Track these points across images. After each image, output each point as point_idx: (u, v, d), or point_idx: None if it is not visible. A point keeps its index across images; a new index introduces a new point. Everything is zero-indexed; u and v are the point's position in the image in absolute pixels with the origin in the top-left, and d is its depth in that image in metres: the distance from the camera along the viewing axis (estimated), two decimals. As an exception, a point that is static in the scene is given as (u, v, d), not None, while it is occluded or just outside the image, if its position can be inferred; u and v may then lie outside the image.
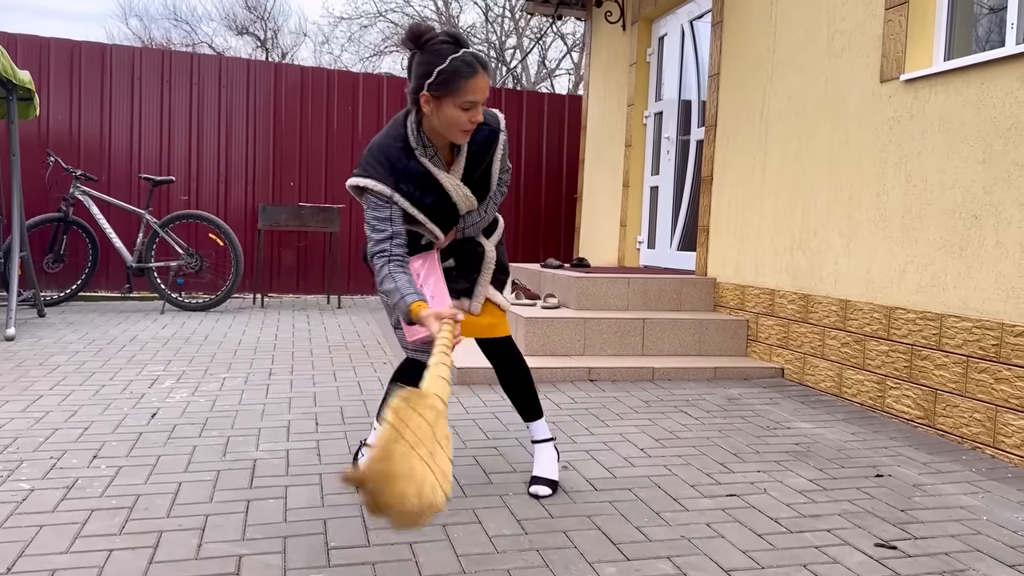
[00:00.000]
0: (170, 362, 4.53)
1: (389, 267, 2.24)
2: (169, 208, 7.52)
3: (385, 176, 2.27)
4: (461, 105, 2.20)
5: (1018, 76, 3.13)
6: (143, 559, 2.04)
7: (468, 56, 2.19)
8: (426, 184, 2.32)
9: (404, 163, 2.29)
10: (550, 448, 2.67)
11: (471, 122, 2.24)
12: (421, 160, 2.31)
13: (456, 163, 2.38)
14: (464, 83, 2.18)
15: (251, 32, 24.46)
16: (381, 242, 2.26)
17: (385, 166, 2.27)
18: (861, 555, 2.21)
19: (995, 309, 3.20)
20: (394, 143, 2.31)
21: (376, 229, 2.28)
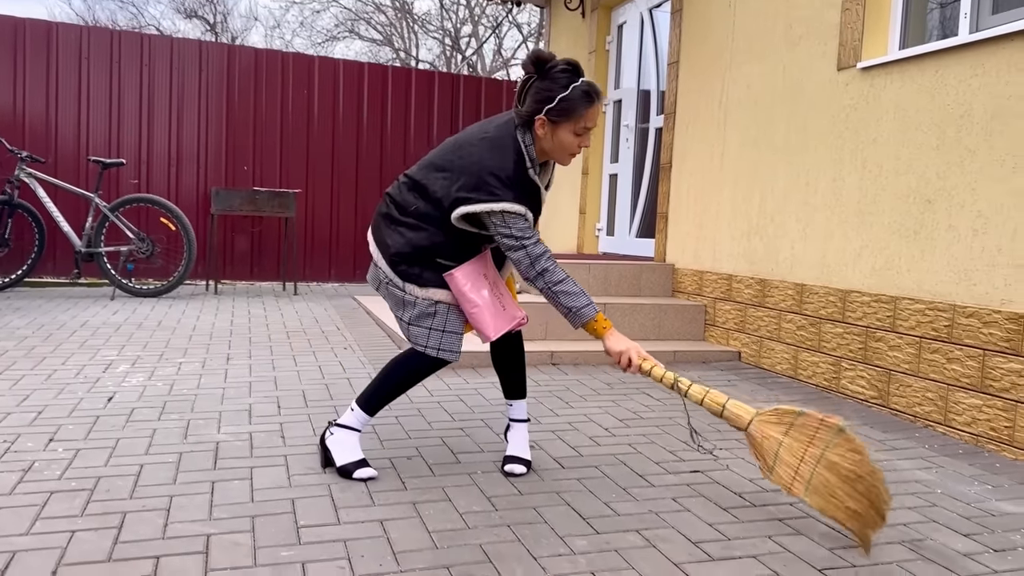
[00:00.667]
0: (124, 347, 4.43)
1: (561, 269, 2.37)
2: (119, 192, 7.34)
3: (519, 197, 2.35)
4: (576, 131, 2.34)
5: (971, 64, 3.22)
6: (107, 539, 2.00)
7: (587, 85, 2.31)
8: (533, 196, 2.44)
9: (525, 181, 2.39)
10: (525, 429, 2.71)
11: (580, 147, 2.38)
12: (532, 176, 2.42)
13: (544, 174, 2.53)
14: (584, 111, 2.31)
15: (200, 15, 23.97)
16: (537, 243, 2.36)
17: (514, 188, 2.35)
18: (823, 527, 2.26)
19: (947, 291, 3.30)
20: (515, 163, 2.37)
21: (527, 236, 2.34)
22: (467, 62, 21.71)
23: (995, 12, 3.33)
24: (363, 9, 24.24)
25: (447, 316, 2.47)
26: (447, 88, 8.54)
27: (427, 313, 2.46)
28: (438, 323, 2.46)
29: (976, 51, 3.20)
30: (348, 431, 2.53)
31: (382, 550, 2.00)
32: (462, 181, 2.34)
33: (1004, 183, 3.06)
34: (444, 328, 2.46)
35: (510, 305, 2.51)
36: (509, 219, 2.33)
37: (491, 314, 2.43)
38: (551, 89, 2.29)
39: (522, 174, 2.37)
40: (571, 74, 2.31)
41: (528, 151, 2.38)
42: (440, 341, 2.46)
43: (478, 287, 2.44)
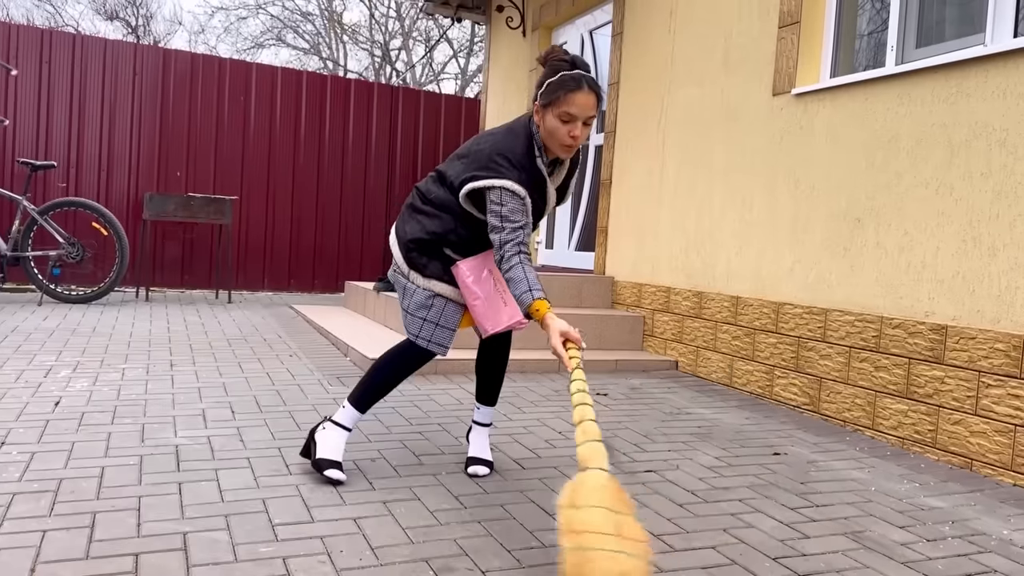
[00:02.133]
0: (61, 352, 4.33)
1: (520, 256, 2.33)
2: (47, 195, 7.12)
3: (522, 178, 2.38)
4: (560, 116, 2.34)
5: (897, 94, 3.47)
6: (82, 537, 2.00)
7: (578, 74, 2.35)
8: (539, 187, 2.47)
9: (531, 166, 2.43)
10: (487, 433, 2.79)
11: (570, 136, 2.37)
12: (539, 166, 2.45)
13: (557, 173, 2.56)
14: (565, 95, 2.33)
15: (122, 17, 23.30)
16: (517, 230, 2.34)
17: (519, 169, 2.39)
18: (773, 521, 2.42)
19: (875, 304, 3.53)
20: (523, 147, 2.42)
21: (509, 220, 2.35)
22: (400, 76, 21.70)
23: (919, 46, 3.60)
24: (290, 18, 24.00)
25: (443, 310, 2.54)
26: (386, 99, 8.58)
27: (424, 304, 2.53)
28: (433, 315, 2.53)
29: (902, 81, 3.46)
30: (338, 429, 2.56)
31: (359, 546, 2.06)
32: (475, 163, 2.43)
33: (928, 204, 3.31)
34: (438, 321, 2.54)
35: (512, 304, 2.53)
36: (505, 196, 2.37)
37: (493, 308, 2.50)
38: (545, 76, 2.39)
39: (531, 160, 2.43)
40: (567, 63, 2.38)
41: (537, 139, 2.44)
42: (432, 333, 2.53)
43: (481, 280, 2.51)
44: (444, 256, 2.53)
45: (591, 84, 2.37)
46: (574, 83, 2.34)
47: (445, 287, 2.54)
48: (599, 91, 2.40)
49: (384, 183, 8.59)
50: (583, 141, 2.44)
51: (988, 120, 3.08)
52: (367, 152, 8.48)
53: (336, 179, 8.35)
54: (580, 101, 2.34)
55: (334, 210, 8.37)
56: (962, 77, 3.19)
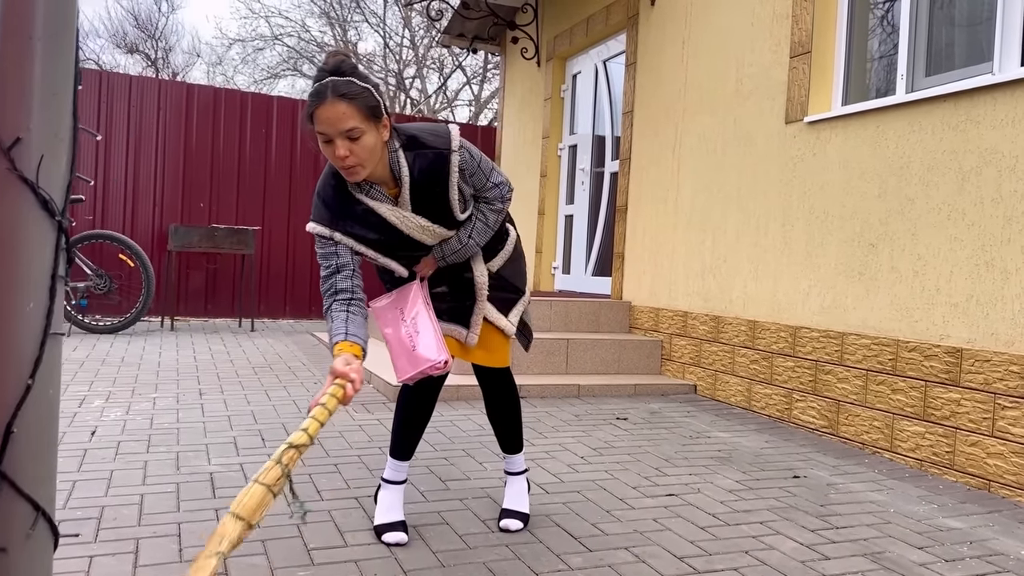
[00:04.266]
0: (92, 382, 4.44)
1: (333, 305, 2.10)
2: (73, 229, 7.29)
3: (324, 217, 2.16)
4: (318, 138, 2.02)
5: (908, 122, 3.55)
6: (127, 563, 2.08)
7: (321, 84, 1.99)
8: (368, 220, 2.17)
9: (340, 201, 2.16)
10: (522, 480, 2.57)
11: (337, 158, 2.01)
12: (359, 197, 2.15)
13: (401, 195, 2.18)
14: (311, 114, 2.00)
15: (141, 50, 23.78)
16: (326, 279, 2.15)
17: (322, 208, 2.17)
18: (793, 543, 2.47)
19: (891, 327, 3.59)
20: (328, 181, 2.19)
21: (322, 266, 2.17)
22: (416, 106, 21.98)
23: (928, 75, 3.68)
24: (306, 48, 24.40)
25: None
26: (403, 129, 8.72)
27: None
28: None
29: (912, 110, 3.53)
30: (389, 486, 2.43)
31: (393, 569, 2.13)
32: None
33: (941, 229, 3.38)
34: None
35: (425, 347, 2.16)
36: (317, 242, 2.19)
37: (397, 353, 2.24)
38: None
39: (337, 192, 2.16)
40: (320, 73, 2.02)
41: None
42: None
43: (390, 322, 2.29)
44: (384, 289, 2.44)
45: (338, 90, 1.96)
46: (316, 97, 1.98)
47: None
48: (354, 94, 1.97)
49: (402, 211, 8.72)
50: (365, 160, 2.02)
51: (997, 147, 3.15)
52: (385, 181, 8.62)
53: (355, 208, 8.48)
54: (325, 115, 1.96)
55: (353, 238, 8.49)
56: (971, 105, 3.27)
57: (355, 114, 1.97)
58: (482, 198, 2.32)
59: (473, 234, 2.32)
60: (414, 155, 2.17)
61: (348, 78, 2.00)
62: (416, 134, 2.20)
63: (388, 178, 2.17)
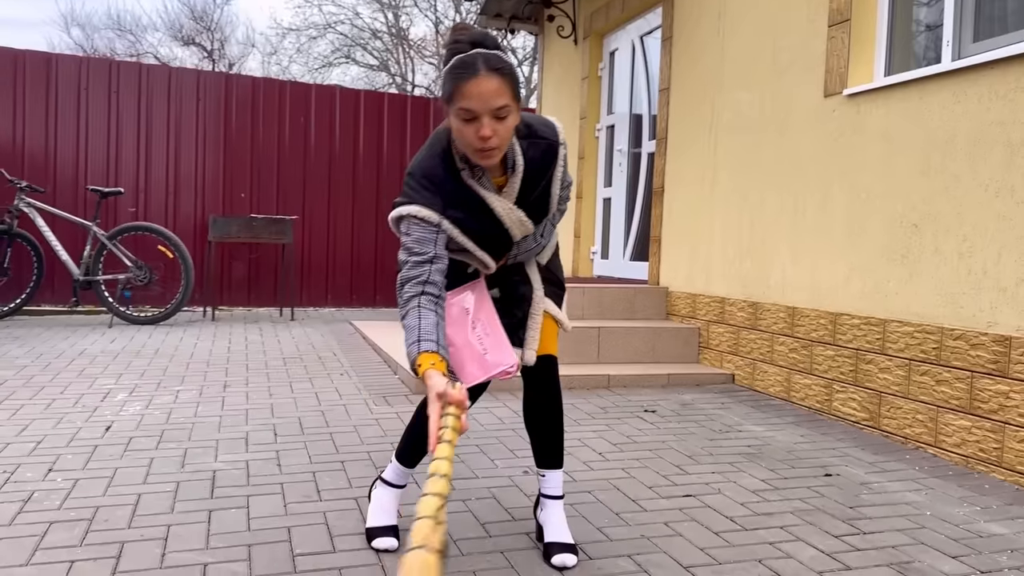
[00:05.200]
0: (121, 375, 4.46)
1: (421, 299, 1.88)
2: (117, 220, 7.39)
3: (432, 200, 1.95)
4: (459, 114, 1.84)
5: (953, 91, 3.29)
6: (106, 569, 2.03)
7: (471, 56, 1.82)
8: (475, 208, 2.00)
9: (451, 185, 1.98)
10: (561, 507, 2.26)
11: (479, 138, 1.84)
12: (468, 182, 1.99)
13: (510, 184, 2.04)
14: (456, 86, 1.83)
15: (197, 42, 24.17)
16: (419, 265, 1.91)
17: (431, 190, 1.96)
18: (813, 550, 2.29)
19: (935, 314, 3.34)
20: (436, 162, 1.99)
21: (415, 252, 1.93)
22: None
23: (976, 40, 3.40)
24: (359, 35, 24.49)
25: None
26: (442, 115, 8.62)
27: None
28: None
29: (958, 78, 3.27)
30: (388, 488, 2.34)
31: (377, 577, 2.03)
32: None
33: (988, 207, 3.12)
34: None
35: (495, 350, 2.08)
36: (413, 225, 1.94)
37: (467, 357, 2.07)
38: (442, 64, 1.89)
39: (450, 176, 1.98)
40: (464, 44, 1.86)
41: (456, 148, 1.98)
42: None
43: (454, 322, 2.09)
44: None
45: (491, 63, 1.81)
46: (466, 69, 1.81)
47: None
48: (508, 69, 1.83)
49: (443, 197, 8.64)
50: (505, 142, 1.88)
51: (1050, 116, 2.88)
52: (425, 167, 8.54)
53: (395, 195, 8.43)
54: (476, 90, 1.80)
55: (394, 225, 8.45)
56: (1022, 72, 2.99)
57: (507, 91, 1.83)
58: (560, 197, 2.18)
59: (544, 233, 2.20)
60: (528, 143, 2.04)
61: (496, 52, 1.85)
62: (530, 122, 2.08)
63: (499, 165, 2.02)
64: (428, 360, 1.76)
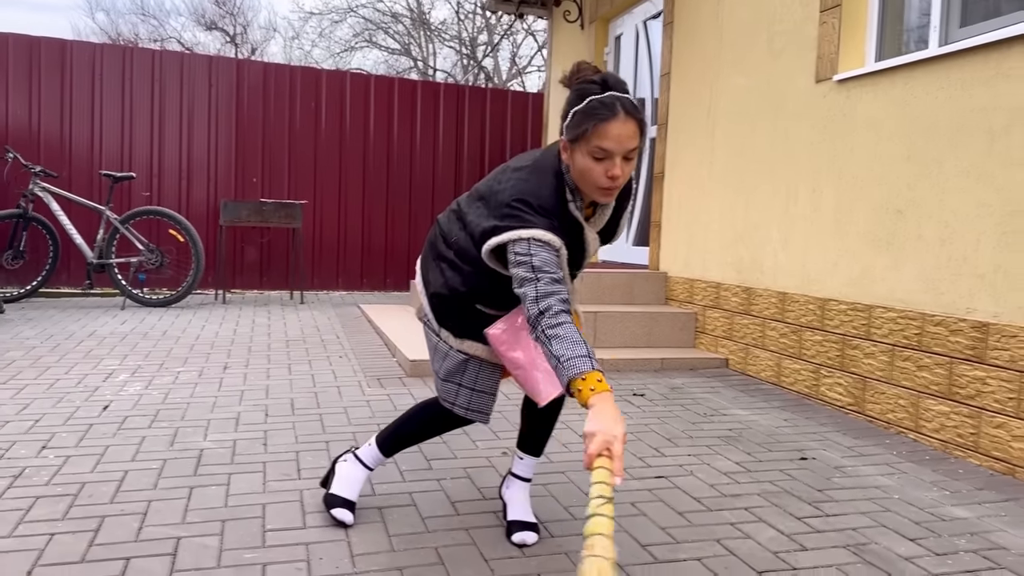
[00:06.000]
0: (126, 357, 4.58)
1: (562, 316, 1.84)
2: (131, 204, 7.53)
3: (553, 226, 1.96)
4: (591, 153, 1.90)
5: (937, 78, 3.28)
6: (83, 542, 2.12)
7: (610, 97, 1.88)
8: (575, 237, 2.06)
9: (564, 214, 2.02)
10: (527, 488, 2.40)
11: (608, 176, 1.90)
12: (575, 214, 2.04)
13: (600, 215, 2.12)
14: (595, 125, 1.88)
15: (220, 27, 24.34)
16: (554, 283, 1.87)
17: (548, 217, 1.98)
18: (773, 531, 2.34)
19: (917, 300, 3.36)
20: (551, 191, 2.01)
21: (544, 271, 1.89)
22: (482, 71, 21.87)
23: (963, 25, 3.39)
24: (380, 19, 24.53)
25: (479, 373, 2.21)
26: (452, 100, 8.67)
27: (458, 369, 2.21)
28: (468, 380, 2.21)
29: (943, 64, 3.26)
30: (359, 466, 2.38)
31: (341, 553, 2.11)
32: (495, 210, 2.01)
33: (968, 194, 3.12)
34: (475, 387, 2.21)
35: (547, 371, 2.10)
36: (535, 246, 1.93)
37: (540, 375, 2.09)
38: (569, 103, 1.94)
39: (560, 206, 2.01)
40: (597, 85, 1.91)
41: (568, 180, 2.02)
42: (470, 400, 2.21)
43: (521, 344, 2.11)
44: (476, 312, 2.17)
45: (628, 108, 1.89)
46: (606, 110, 1.87)
47: (479, 347, 2.18)
48: (640, 116, 1.92)
49: (451, 182, 8.69)
50: (626, 180, 1.96)
51: (1029, 103, 2.87)
52: (434, 152, 8.60)
53: (405, 179, 8.49)
54: (615, 132, 1.87)
55: (403, 209, 8.52)
56: (1002, 57, 2.98)
57: (638, 136, 1.92)
58: None
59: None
60: None
61: (630, 97, 1.94)
62: None
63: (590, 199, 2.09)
64: (594, 380, 1.72)
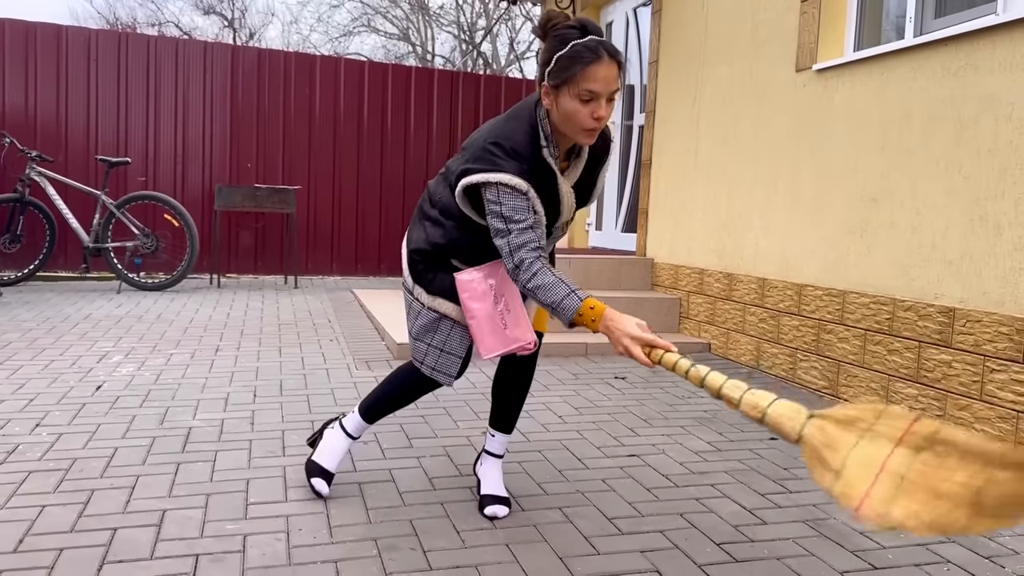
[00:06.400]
0: (121, 339, 4.67)
1: (537, 260, 1.99)
2: (127, 189, 7.60)
3: (521, 170, 2.04)
4: (579, 95, 1.96)
5: (911, 68, 3.35)
6: (73, 513, 2.22)
7: (592, 42, 1.96)
8: (546, 184, 2.10)
9: (535, 157, 2.07)
10: (499, 464, 2.47)
11: (594, 118, 1.99)
12: (548, 159, 2.09)
13: (572, 169, 2.18)
14: (582, 69, 1.95)
15: (218, 11, 24.32)
16: (524, 231, 2.00)
17: (519, 160, 2.05)
18: (736, 506, 2.44)
19: (888, 285, 3.44)
20: (524, 136, 2.08)
21: (514, 220, 2.01)
22: (480, 55, 21.86)
23: (937, 16, 3.46)
24: (379, 4, 24.49)
25: (449, 334, 2.25)
26: (446, 86, 8.72)
27: (430, 328, 2.25)
28: (438, 341, 2.25)
29: (916, 55, 3.33)
30: (343, 435, 2.44)
31: (319, 524, 2.21)
32: (469, 153, 2.10)
33: (938, 182, 3.20)
34: (443, 348, 2.26)
35: (515, 326, 2.18)
36: (503, 194, 2.02)
37: (488, 330, 2.17)
38: (551, 49, 1.99)
39: (534, 150, 2.07)
40: (577, 31, 1.99)
41: (543, 125, 2.08)
42: (436, 360, 2.26)
43: (480, 297, 2.17)
44: (451, 267, 2.22)
45: (611, 51, 1.98)
46: (591, 53, 1.94)
47: (451, 307, 2.22)
48: (621, 59, 2.01)
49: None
50: (607, 120, 2.05)
51: (995, 94, 2.95)
52: (428, 137, 8.66)
53: (399, 165, 8.56)
54: (602, 74, 1.95)
55: (397, 195, 8.59)
56: (972, 48, 3.06)
57: (620, 79, 2.01)
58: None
59: (567, 225, 2.29)
60: None
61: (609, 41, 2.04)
62: None
63: (563, 150, 2.16)
64: (593, 308, 1.93)
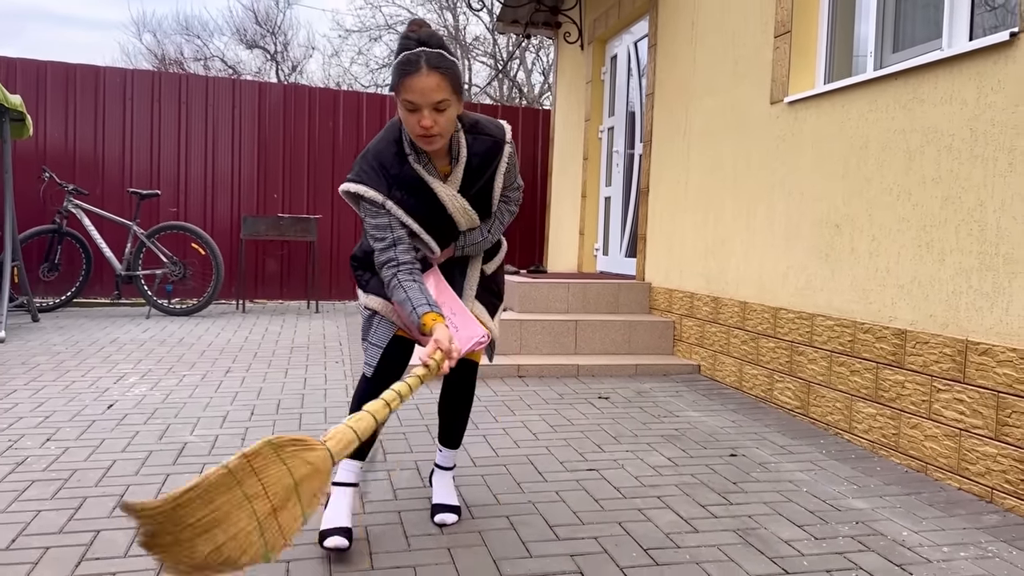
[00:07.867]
0: (140, 361, 4.98)
1: (399, 276, 2.13)
2: (159, 219, 8.00)
3: (377, 182, 2.17)
4: (404, 105, 2.08)
5: (868, 100, 3.51)
6: (64, 517, 2.47)
7: (415, 54, 2.04)
8: (419, 192, 2.21)
9: (398, 168, 2.19)
10: (451, 476, 2.63)
11: (420, 127, 2.07)
12: (415, 166, 2.20)
13: (454, 173, 2.26)
14: (402, 80, 2.05)
15: (261, 46, 25.12)
16: (385, 250, 2.16)
17: (378, 171, 2.18)
18: (674, 516, 2.59)
19: (850, 308, 3.58)
20: (388, 147, 2.21)
21: (377, 238, 2.17)
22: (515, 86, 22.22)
23: (895, 50, 3.61)
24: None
25: (376, 327, 2.34)
26: (464, 116, 9.01)
27: (366, 326, 2.38)
28: (372, 336, 2.34)
29: (873, 88, 3.49)
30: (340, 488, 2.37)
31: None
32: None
33: (891, 210, 3.34)
34: (371, 340, 2.35)
35: (464, 327, 2.24)
36: (365, 208, 2.17)
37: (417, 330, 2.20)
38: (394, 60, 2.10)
39: (397, 160, 2.19)
40: (409, 40, 2.08)
41: (405, 134, 2.19)
42: (367, 354, 2.36)
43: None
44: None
45: (433, 62, 2.03)
46: (410, 65, 2.03)
47: (379, 301, 2.33)
48: (447, 68, 2.05)
49: (465, 196, 9.03)
50: (445, 130, 2.11)
51: (937, 125, 3.09)
52: (447, 167, 8.94)
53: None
54: (419, 85, 2.03)
55: (417, 223, 8.87)
56: (918, 83, 3.21)
57: (446, 87, 2.06)
58: (504, 197, 2.44)
59: (492, 229, 2.42)
60: (474, 138, 2.29)
61: (439, 51, 2.08)
62: (478, 120, 2.34)
63: (444, 155, 2.26)
64: (431, 318, 2.05)
